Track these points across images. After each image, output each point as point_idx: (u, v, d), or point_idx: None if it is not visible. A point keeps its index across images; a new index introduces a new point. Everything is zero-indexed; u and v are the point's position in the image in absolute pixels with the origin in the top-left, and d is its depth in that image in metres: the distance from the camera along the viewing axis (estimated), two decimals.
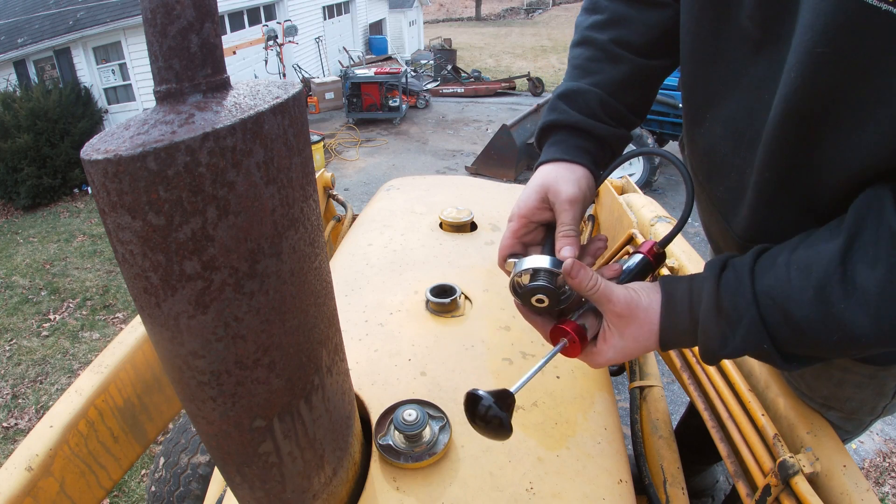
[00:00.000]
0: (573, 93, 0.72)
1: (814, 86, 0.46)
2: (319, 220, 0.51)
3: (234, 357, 0.43)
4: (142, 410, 1.04)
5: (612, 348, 0.57)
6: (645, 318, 0.55)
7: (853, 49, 0.42)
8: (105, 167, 0.34)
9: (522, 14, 27.20)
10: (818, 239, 0.48)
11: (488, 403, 0.52)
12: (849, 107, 0.45)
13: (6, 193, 6.98)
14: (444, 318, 0.99)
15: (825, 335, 0.46)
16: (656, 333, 0.55)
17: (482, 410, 0.52)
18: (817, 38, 0.44)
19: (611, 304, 0.55)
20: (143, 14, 0.36)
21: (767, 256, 0.51)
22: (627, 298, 0.55)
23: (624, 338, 0.56)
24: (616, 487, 0.71)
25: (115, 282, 4.83)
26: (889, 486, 2.46)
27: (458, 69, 11.51)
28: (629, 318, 0.55)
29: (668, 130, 5.99)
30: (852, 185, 0.48)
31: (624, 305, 0.54)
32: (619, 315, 0.55)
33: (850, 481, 0.67)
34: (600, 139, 0.71)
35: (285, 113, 0.41)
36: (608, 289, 0.55)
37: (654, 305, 0.55)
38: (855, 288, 0.43)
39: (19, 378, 3.66)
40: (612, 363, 0.59)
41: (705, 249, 1.52)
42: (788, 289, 0.47)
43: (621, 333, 0.56)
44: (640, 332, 0.55)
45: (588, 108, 0.71)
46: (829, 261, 0.45)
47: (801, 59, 0.46)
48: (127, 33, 7.92)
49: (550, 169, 0.69)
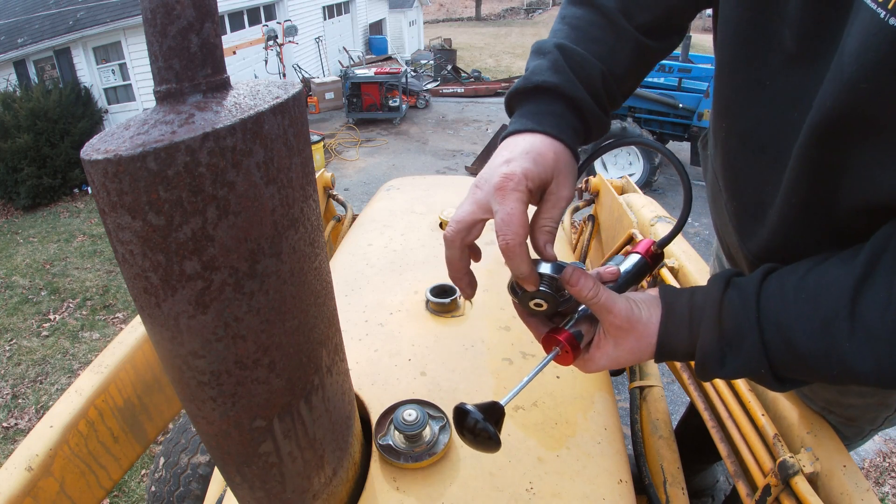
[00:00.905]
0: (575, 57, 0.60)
1: (851, 118, 0.44)
2: (319, 220, 0.51)
3: (234, 357, 0.43)
4: (142, 410, 1.04)
5: (606, 356, 0.56)
6: (644, 331, 0.54)
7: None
8: (105, 167, 0.34)
9: (522, 14, 27.19)
10: (831, 266, 0.46)
11: (476, 418, 0.51)
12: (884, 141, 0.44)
13: (6, 193, 6.98)
14: (444, 318, 0.99)
15: (826, 368, 0.45)
16: (653, 346, 0.54)
17: (471, 423, 0.52)
18: (863, 73, 0.42)
19: (611, 315, 0.53)
20: (143, 14, 0.36)
21: (775, 279, 0.49)
22: (628, 312, 0.53)
23: (619, 349, 0.55)
24: (616, 487, 0.71)
25: (115, 282, 4.83)
26: (889, 486, 2.46)
27: (458, 69, 11.52)
28: (628, 330, 0.53)
29: (668, 130, 6.00)
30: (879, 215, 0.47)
31: (624, 318, 0.53)
32: (618, 327, 0.54)
33: (850, 481, 0.67)
34: (587, 123, 0.62)
35: (285, 113, 0.41)
36: (609, 300, 0.53)
37: (654, 319, 0.54)
38: (863, 327, 0.42)
39: (19, 378, 3.66)
40: (604, 370, 0.58)
41: (705, 250, 1.51)
42: (794, 317, 0.46)
43: (617, 344, 0.55)
44: (638, 345, 0.54)
45: (590, 81, 0.61)
46: (840, 294, 0.44)
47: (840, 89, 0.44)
48: (127, 33, 7.92)
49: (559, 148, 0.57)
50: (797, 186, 0.51)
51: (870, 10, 0.41)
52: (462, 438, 0.54)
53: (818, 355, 0.45)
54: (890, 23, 0.39)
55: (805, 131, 0.48)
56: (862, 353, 0.42)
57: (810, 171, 0.50)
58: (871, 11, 0.40)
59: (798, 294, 0.47)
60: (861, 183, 0.47)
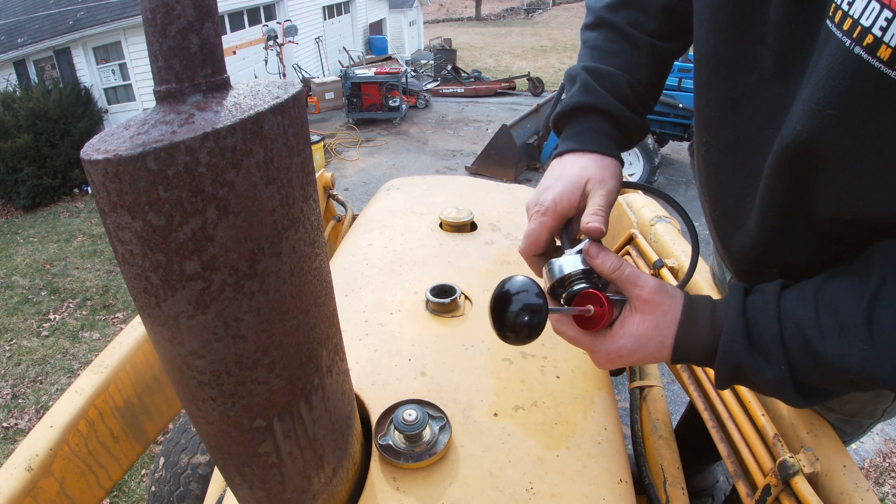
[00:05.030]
0: (603, 75, 0.69)
1: (819, 142, 0.46)
2: (319, 220, 0.51)
3: (234, 357, 0.43)
4: (142, 410, 1.04)
5: (628, 334, 0.55)
6: (670, 307, 0.54)
7: (865, 117, 0.42)
8: (105, 167, 0.34)
9: (522, 14, 27.19)
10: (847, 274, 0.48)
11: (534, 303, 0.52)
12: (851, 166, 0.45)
13: (6, 193, 6.98)
14: (444, 318, 0.99)
15: (842, 371, 0.45)
16: (676, 323, 0.53)
17: (511, 318, 0.53)
18: (830, 100, 0.43)
19: (637, 287, 0.54)
20: (143, 14, 0.36)
21: (795, 287, 0.51)
22: (655, 284, 0.54)
23: (643, 324, 0.54)
24: (616, 487, 0.71)
25: (115, 282, 4.83)
26: (889, 486, 2.46)
27: (458, 69, 11.51)
28: (655, 304, 0.53)
29: (668, 130, 5.99)
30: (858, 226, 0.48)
31: (651, 290, 0.53)
32: (645, 301, 0.54)
33: (850, 481, 0.67)
34: (626, 128, 0.69)
35: (285, 113, 0.41)
36: (634, 273, 0.54)
37: (678, 299, 0.54)
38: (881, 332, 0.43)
39: (19, 378, 3.66)
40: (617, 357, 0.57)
41: (705, 250, 1.52)
42: (813, 318, 0.47)
43: (643, 320, 0.54)
44: (663, 321, 0.53)
45: (619, 91, 0.68)
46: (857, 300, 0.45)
47: (808, 114, 0.45)
48: (127, 33, 7.92)
49: (589, 162, 0.65)
50: (772, 200, 0.54)
51: (836, 38, 0.42)
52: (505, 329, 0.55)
53: (835, 357, 0.45)
54: (855, 52, 0.41)
55: (775, 150, 0.50)
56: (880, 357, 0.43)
57: (783, 187, 0.52)
58: (838, 40, 0.42)
59: (817, 297, 0.48)
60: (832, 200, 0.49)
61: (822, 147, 0.46)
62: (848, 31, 0.41)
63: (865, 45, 0.40)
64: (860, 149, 0.44)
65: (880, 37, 0.39)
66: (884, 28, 0.38)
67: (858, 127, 0.43)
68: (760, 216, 0.56)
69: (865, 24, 0.40)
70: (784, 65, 0.50)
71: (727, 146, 0.59)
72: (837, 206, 0.49)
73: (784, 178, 0.51)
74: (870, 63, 0.40)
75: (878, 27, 0.39)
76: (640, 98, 0.70)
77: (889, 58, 0.39)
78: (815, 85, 0.44)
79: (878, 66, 0.39)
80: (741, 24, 0.53)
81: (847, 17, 0.41)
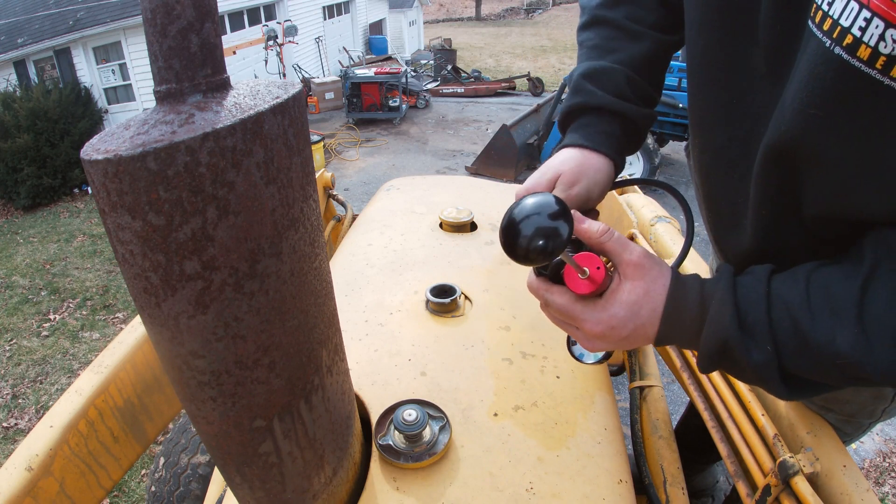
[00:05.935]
0: (598, 72, 0.70)
1: (802, 142, 0.46)
2: (319, 220, 0.51)
3: (234, 357, 0.43)
4: (142, 410, 1.04)
5: (619, 303, 0.53)
6: (659, 273, 0.53)
7: (847, 116, 0.42)
8: (105, 167, 0.34)
9: (522, 14, 27.19)
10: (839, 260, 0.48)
11: None
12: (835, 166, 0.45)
13: (6, 193, 6.98)
14: (444, 318, 0.99)
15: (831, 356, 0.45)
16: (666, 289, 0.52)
17: (524, 243, 0.49)
18: (812, 100, 0.43)
19: (626, 252, 0.53)
20: (143, 14, 0.36)
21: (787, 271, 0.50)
22: (644, 250, 0.54)
23: (634, 292, 0.52)
24: (616, 487, 0.71)
25: (115, 282, 4.83)
26: (889, 486, 2.46)
27: (458, 69, 11.51)
28: (646, 268, 0.52)
29: (668, 130, 6.00)
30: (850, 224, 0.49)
31: (641, 254, 0.53)
32: (637, 265, 0.52)
33: (850, 481, 0.67)
34: (628, 120, 0.70)
35: (285, 113, 0.41)
36: (623, 237, 0.54)
37: (667, 269, 0.54)
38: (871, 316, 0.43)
39: (19, 378, 3.66)
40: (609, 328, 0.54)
41: (705, 249, 1.51)
42: (803, 299, 0.46)
43: (633, 287, 0.52)
44: (654, 286, 0.52)
45: (615, 87, 0.69)
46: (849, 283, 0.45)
47: (791, 115, 0.46)
48: (127, 33, 7.92)
49: (571, 156, 0.67)
50: (763, 201, 0.54)
51: (817, 39, 0.42)
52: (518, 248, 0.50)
53: (824, 341, 0.45)
54: (835, 52, 0.41)
55: (761, 150, 0.51)
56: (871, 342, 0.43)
57: (772, 187, 0.52)
58: (818, 40, 0.42)
59: (809, 279, 0.47)
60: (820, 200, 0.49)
61: (806, 147, 0.46)
62: (828, 31, 0.41)
63: (845, 45, 0.40)
64: (843, 148, 0.44)
65: (860, 37, 0.39)
66: (863, 28, 0.39)
67: (841, 126, 0.43)
68: (755, 216, 0.56)
69: (845, 24, 0.40)
70: (773, 65, 0.50)
71: (721, 147, 0.59)
72: (826, 205, 0.49)
73: (772, 179, 0.51)
74: (850, 63, 0.40)
75: (857, 27, 0.39)
76: (639, 91, 0.70)
77: (869, 57, 0.39)
78: (798, 85, 0.45)
79: (858, 66, 0.40)
80: (732, 24, 0.53)
81: (827, 17, 0.41)
